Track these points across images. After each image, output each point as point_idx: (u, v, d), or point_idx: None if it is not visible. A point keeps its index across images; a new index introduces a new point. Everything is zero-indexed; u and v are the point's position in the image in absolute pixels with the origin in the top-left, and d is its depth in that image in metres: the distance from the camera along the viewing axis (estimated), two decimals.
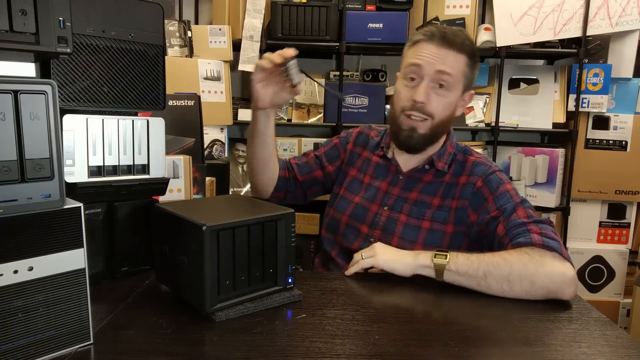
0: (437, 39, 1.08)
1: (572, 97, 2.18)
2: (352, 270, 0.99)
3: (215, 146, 2.22)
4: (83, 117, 0.84)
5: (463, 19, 2.18)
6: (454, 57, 1.08)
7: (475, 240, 1.10)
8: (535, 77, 2.28)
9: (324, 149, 1.33)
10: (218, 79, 2.19)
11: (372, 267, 0.98)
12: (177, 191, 1.45)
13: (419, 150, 1.16)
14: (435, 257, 0.94)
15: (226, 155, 2.28)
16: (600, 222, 2.29)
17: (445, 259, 0.93)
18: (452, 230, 1.11)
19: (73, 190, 0.82)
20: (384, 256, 0.97)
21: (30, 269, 0.60)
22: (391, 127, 1.19)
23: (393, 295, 0.91)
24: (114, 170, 0.89)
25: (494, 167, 1.13)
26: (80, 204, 0.64)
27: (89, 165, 0.86)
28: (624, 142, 2.19)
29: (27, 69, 0.63)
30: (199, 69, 2.15)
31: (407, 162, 1.20)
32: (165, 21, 1.17)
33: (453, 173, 1.15)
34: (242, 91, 2.48)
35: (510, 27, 2.12)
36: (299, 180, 1.29)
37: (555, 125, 2.25)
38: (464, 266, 0.91)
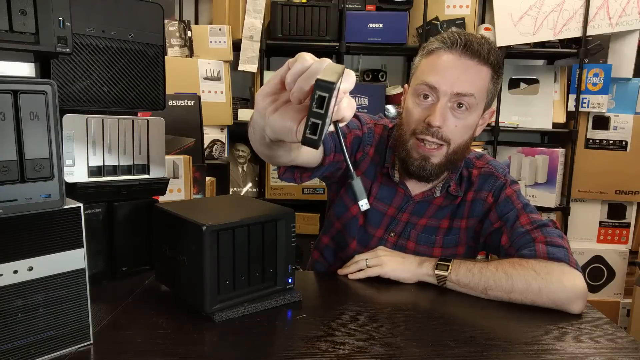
0: (458, 47, 0.93)
1: (572, 97, 2.18)
2: (354, 276, 0.98)
3: (216, 146, 2.22)
4: (83, 117, 0.84)
5: (463, 19, 2.18)
6: (477, 70, 0.94)
7: (482, 250, 1.09)
8: (535, 77, 2.28)
9: (349, 143, 1.06)
10: (218, 79, 2.19)
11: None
12: (177, 191, 1.45)
13: (432, 181, 1.04)
14: (437, 268, 0.93)
15: (226, 155, 2.28)
16: (600, 222, 2.29)
17: (447, 270, 0.92)
18: (464, 251, 1.08)
19: (73, 190, 0.82)
20: (390, 266, 0.96)
21: (30, 269, 0.60)
22: (399, 151, 1.02)
23: (393, 295, 0.91)
24: (114, 170, 0.88)
25: (499, 174, 1.06)
26: (80, 204, 0.64)
27: (89, 165, 0.85)
28: (624, 142, 2.18)
29: (27, 69, 0.63)
30: (199, 69, 2.15)
31: (417, 185, 1.06)
32: (165, 21, 1.17)
33: (463, 192, 1.07)
34: (242, 91, 2.48)
35: (510, 27, 2.12)
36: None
37: (555, 125, 2.25)
38: (465, 279, 0.91)
